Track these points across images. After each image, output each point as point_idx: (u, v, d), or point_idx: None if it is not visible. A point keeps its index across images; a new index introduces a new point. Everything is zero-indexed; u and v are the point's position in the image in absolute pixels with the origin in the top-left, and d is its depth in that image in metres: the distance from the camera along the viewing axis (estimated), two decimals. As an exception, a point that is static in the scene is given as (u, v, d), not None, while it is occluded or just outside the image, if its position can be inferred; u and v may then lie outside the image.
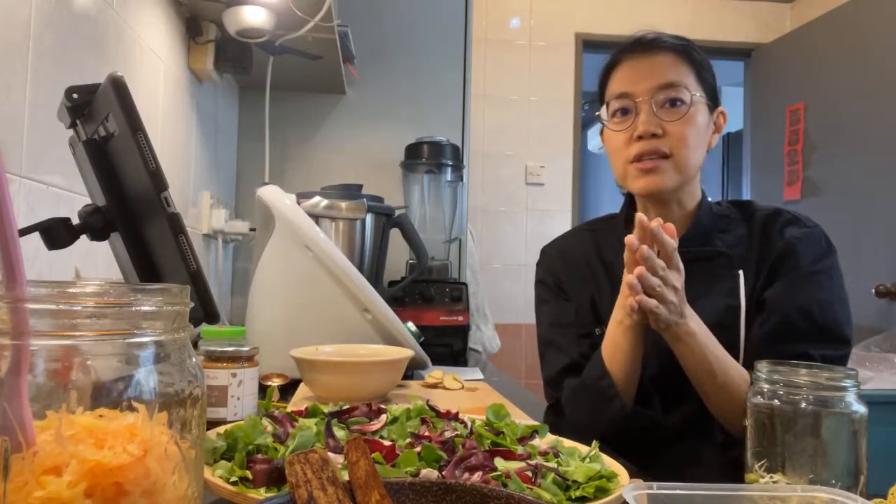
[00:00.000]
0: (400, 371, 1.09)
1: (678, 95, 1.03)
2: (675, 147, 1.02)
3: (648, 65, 1.05)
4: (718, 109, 1.09)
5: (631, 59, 1.07)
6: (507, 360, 3.36)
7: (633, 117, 1.04)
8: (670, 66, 1.04)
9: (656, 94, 1.03)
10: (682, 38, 1.09)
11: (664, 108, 1.03)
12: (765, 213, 1.08)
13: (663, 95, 1.02)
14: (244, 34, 1.69)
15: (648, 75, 1.04)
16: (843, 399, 0.59)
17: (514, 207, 3.64)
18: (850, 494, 0.50)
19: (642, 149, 1.02)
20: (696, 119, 1.04)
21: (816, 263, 1.01)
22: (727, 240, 1.07)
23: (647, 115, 1.02)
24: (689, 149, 1.03)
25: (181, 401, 0.38)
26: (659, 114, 1.02)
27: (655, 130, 1.02)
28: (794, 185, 3.30)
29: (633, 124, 1.04)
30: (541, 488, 0.56)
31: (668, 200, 1.07)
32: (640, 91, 1.04)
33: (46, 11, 0.99)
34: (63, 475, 0.32)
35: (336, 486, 0.41)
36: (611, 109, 1.08)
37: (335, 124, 2.39)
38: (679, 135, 1.02)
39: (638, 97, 1.03)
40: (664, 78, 1.03)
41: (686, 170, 1.04)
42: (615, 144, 1.07)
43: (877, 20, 2.90)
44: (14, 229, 0.33)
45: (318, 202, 1.59)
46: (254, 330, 1.28)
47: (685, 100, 1.03)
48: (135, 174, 0.68)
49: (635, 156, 1.03)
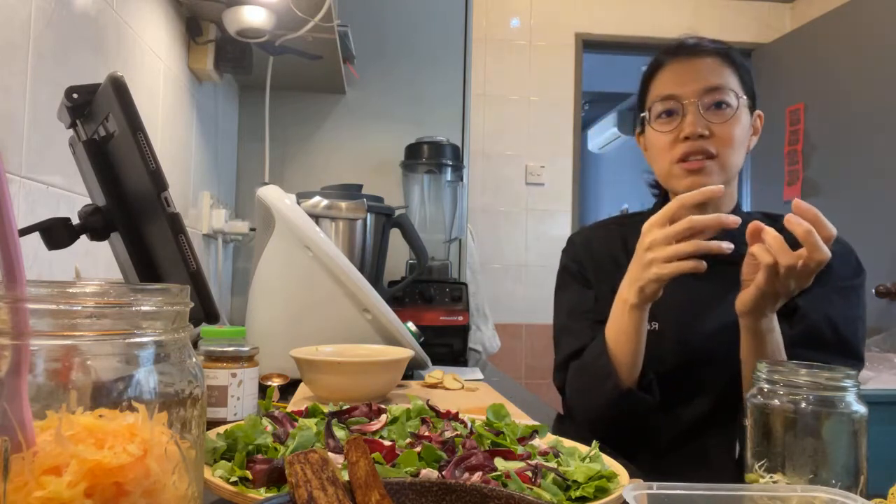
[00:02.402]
0: (400, 371, 1.09)
1: (724, 98, 1.05)
2: (721, 147, 1.04)
3: (693, 68, 1.07)
4: (757, 112, 1.12)
5: (675, 62, 1.09)
6: (507, 360, 3.36)
7: (679, 119, 1.06)
8: (715, 69, 1.06)
9: (703, 96, 1.05)
10: (722, 43, 1.11)
11: (710, 111, 1.05)
12: None
13: (710, 98, 1.04)
14: (244, 34, 1.69)
15: (694, 78, 1.06)
16: (843, 399, 0.59)
17: (514, 207, 3.64)
18: (850, 494, 0.50)
19: (689, 149, 1.04)
20: (741, 121, 1.06)
21: (849, 280, 1.04)
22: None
23: (694, 117, 1.04)
24: (733, 150, 1.05)
25: (181, 401, 0.38)
26: (706, 116, 1.04)
27: (703, 131, 1.03)
28: (794, 185, 3.30)
29: (679, 125, 1.06)
30: (541, 488, 0.56)
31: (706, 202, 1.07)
32: (686, 93, 1.05)
33: (46, 11, 0.99)
34: (63, 475, 0.32)
35: (336, 486, 0.41)
36: (655, 111, 1.09)
37: (335, 124, 2.39)
38: (725, 136, 1.04)
39: (684, 99, 1.05)
40: (710, 81, 1.05)
41: (729, 170, 1.06)
42: (660, 145, 1.09)
43: (877, 20, 2.90)
44: (14, 229, 0.33)
45: (318, 202, 1.59)
46: (254, 330, 1.28)
47: (731, 102, 1.05)
48: (135, 174, 0.68)
49: (681, 155, 1.05)
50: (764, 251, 0.84)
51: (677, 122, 1.06)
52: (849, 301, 1.03)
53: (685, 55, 1.09)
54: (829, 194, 3.09)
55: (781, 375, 0.61)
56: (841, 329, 1.00)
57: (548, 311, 1.30)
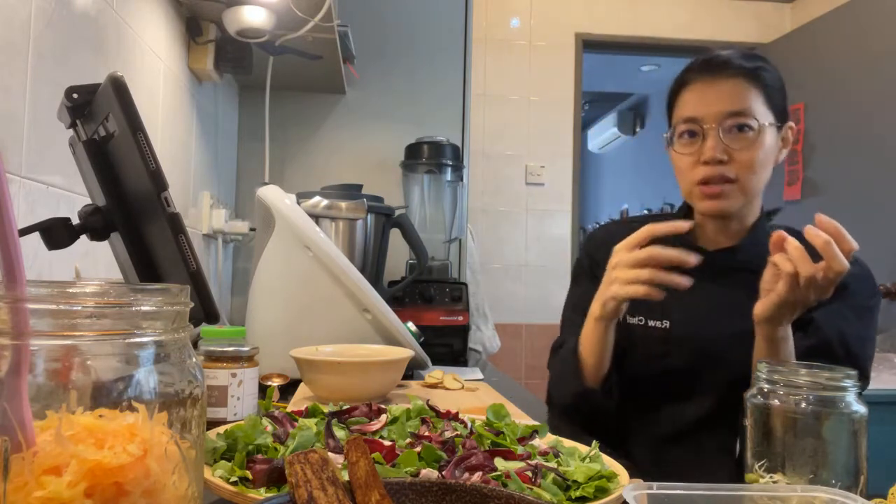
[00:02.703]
0: (400, 371, 1.09)
1: (746, 122, 1.03)
2: (742, 173, 1.04)
3: (717, 90, 1.05)
4: (788, 125, 1.11)
5: (700, 81, 1.08)
6: (507, 360, 3.36)
7: (700, 141, 1.05)
8: (740, 92, 1.05)
9: (724, 120, 1.03)
10: (753, 58, 1.08)
11: (731, 134, 1.04)
12: None
13: (731, 122, 1.03)
14: (244, 34, 1.69)
15: (717, 101, 1.05)
16: (843, 399, 0.59)
17: (514, 207, 3.64)
18: (850, 494, 0.50)
19: (708, 174, 1.04)
20: (764, 144, 1.05)
21: (865, 300, 1.05)
22: None
23: (713, 141, 1.03)
24: (754, 174, 1.05)
25: (181, 401, 0.38)
26: (726, 139, 1.03)
27: (722, 157, 1.03)
28: (794, 185, 3.30)
29: (700, 148, 1.05)
30: (541, 488, 0.56)
31: (730, 217, 1.10)
32: (707, 116, 1.04)
33: (46, 11, 0.99)
34: (63, 475, 0.32)
35: (336, 486, 0.41)
36: (678, 132, 1.09)
37: (335, 124, 2.39)
38: (746, 161, 1.03)
39: (705, 123, 1.05)
40: (733, 105, 1.04)
41: (750, 192, 1.06)
42: (682, 166, 1.09)
43: (877, 20, 2.90)
44: (14, 229, 0.33)
45: (318, 202, 1.59)
46: (254, 330, 1.28)
47: (753, 126, 1.04)
48: (135, 174, 0.68)
49: (701, 179, 1.05)
50: (785, 260, 0.86)
51: (698, 144, 1.06)
52: (862, 320, 1.04)
53: (709, 74, 1.07)
54: (829, 194, 3.09)
55: (781, 375, 0.61)
56: (852, 346, 1.01)
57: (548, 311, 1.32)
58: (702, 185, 1.06)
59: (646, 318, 1.13)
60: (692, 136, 1.07)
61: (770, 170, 1.09)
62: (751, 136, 1.04)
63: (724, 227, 1.12)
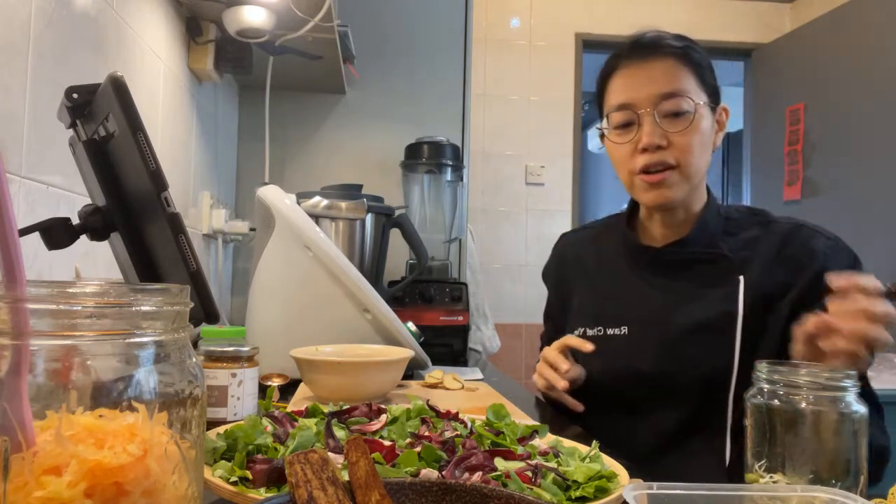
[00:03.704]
0: (400, 371, 1.09)
1: (681, 106, 1.00)
2: (682, 157, 1.00)
3: (647, 72, 1.02)
4: (721, 107, 1.07)
5: (629, 65, 1.04)
6: (507, 360, 3.36)
7: (636, 128, 1.02)
8: (670, 72, 1.01)
9: (658, 103, 1.00)
10: (680, 38, 1.06)
11: (667, 119, 1.00)
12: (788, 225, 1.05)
13: (666, 106, 1.00)
14: (244, 34, 1.69)
15: (648, 83, 1.01)
16: (843, 399, 0.59)
17: (514, 207, 3.64)
18: (850, 494, 0.50)
19: (648, 161, 1.01)
20: (701, 126, 1.01)
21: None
22: (732, 243, 1.06)
23: (650, 127, 1.00)
24: (695, 157, 1.01)
25: (181, 401, 0.38)
26: (662, 124, 1.00)
27: (660, 142, 1.00)
28: (794, 185, 3.30)
29: (637, 136, 1.02)
30: (541, 488, 0.56)
31: (675, 206, 1.07)
32: (640, 101, 1.01)
33: (46, 11, 0.99)
34: (63, 475, 0.32)
35: (336, 486, 0.41)
36: (612, 121, 1.05)
37: (335, 124, 2.39)
38: (684, 145, 1.00)
39: (639, 108, 1.01)
40: (665, 86, 1.00)
41: (693, 177, 1.03)
42: (619, 156, 1.05)
43: (877, 20, 2.90)
44: (14, 229, 0.33)
45: (318, 202, 1.59)
46: (254, 330, 1.28)
47: (689, 109, 1.00)
48: (135, 174, 0.68)
49: (641, 168, 1.02)
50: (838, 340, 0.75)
51: (634, 132, 1.02)
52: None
53: (638, 57, 1.03)
54: (829, 194, 3.09)
55: (781, 375, 0.61)
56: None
57: (547, 311, 1.35)
58: (642, 175, 1.02)
59: (604, 328, 1.10)
60: (627, 125, 1.03)
61: (710, 154, 1.05)
62: (687, 118, 1.00)
63: (670, 218, 1.08)
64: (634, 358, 1.06)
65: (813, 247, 1.01)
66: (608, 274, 1.16)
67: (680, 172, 1.01)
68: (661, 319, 1.05)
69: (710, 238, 1.06)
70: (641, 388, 1.05)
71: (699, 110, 1.01)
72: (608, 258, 1.17)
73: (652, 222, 1.11)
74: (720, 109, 1.07)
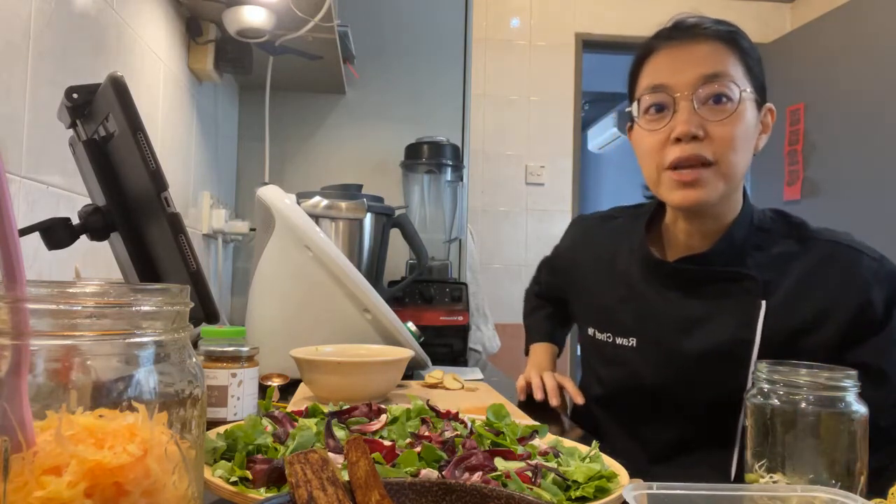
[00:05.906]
0: (400, 371, 1.09)
1: (724, 90, 0.87)
2: (720, 152, 0.87)
3: (689, 53, 0.90)
4: (767, 106, 0.95)
5: (668, 46, 0.92)
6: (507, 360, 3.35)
7: (670, 115, 0.89)
8: (715, 55, 0.89)
9: (698, 87, 0.87)
10: (727, 24, 0.93)
11: (707, 106, 0.87)
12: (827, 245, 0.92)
13: (706, 90, 0.87)
14: (244, 34, 1.69)
15: (689, 65, 0.88)
16: (843, 399, 0.59)
17: (514, 207, 3.64)
18: (850, 494, 0.50)
19: (681, 154, 0.87)
20: (745, 118, 0.88)
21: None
22: (760, 259, 0.93)
23: (687, 114, 0.87)
24: (735, 154, 0.88)
25: (181, 401, 0.38)
26: (701, 112, 0.87)
27: (697, 132, 0.87)
28: (794, 185, 3.30)
29: (670, 124, 0.89)
30: (541, 488, 0.56)
31: (705, 213, 0.94)
32: (678, 84, 0.88)
33: (46, 11, 0.99)
34: (63, 475, 0.32)
35: (336, 486, 0.41)
36: (643, 105, 0.92)
37: (335, 124, 2.39)
38: (725, 138, 0.87)
39: (676, 91, 0.88)
40: (708, 68, 0.87)
41: (731, 179, 0.89)
42: (648, 147, 0.92)
43: (877, 20, 2.91)
44: (14, 229, 0.33)
45: (318, 202, 1.59)
46: (254, 330, 1.28)
47: (732, 96, 0.87)
48: (135, 174, 0.68)
49: (672, 162, 0.89)
50: None
51: (668, 118, 0.89)
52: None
53: (680, 38, 0.91)
54: (829, 194, 3.09)
55: (781, 375, 0.61)
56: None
57: (548, 310, 1.37)
58: (672, 171, 0.89)
59: (613, 336, 1.04)
60: (660, 111, 0.90)
61: (751, 155, 0.92)
62: (730, 107, 0.87)
63: (698, 227, 0.95)
64: (640, 372, 1.00)
65: (855, 273, 0.89)
66: (623, 277, 1.06)
67: (716, 171, 0.88)
68: (670, 339, 0.97)
69: (736, 254, 0.94)
70: (644, 401, 1.00)
71: (744, 101, 0.88)
72: (624, 258, 1.07)
73: (676, 227, 0.99)
74: (766, 109, 0.94)
